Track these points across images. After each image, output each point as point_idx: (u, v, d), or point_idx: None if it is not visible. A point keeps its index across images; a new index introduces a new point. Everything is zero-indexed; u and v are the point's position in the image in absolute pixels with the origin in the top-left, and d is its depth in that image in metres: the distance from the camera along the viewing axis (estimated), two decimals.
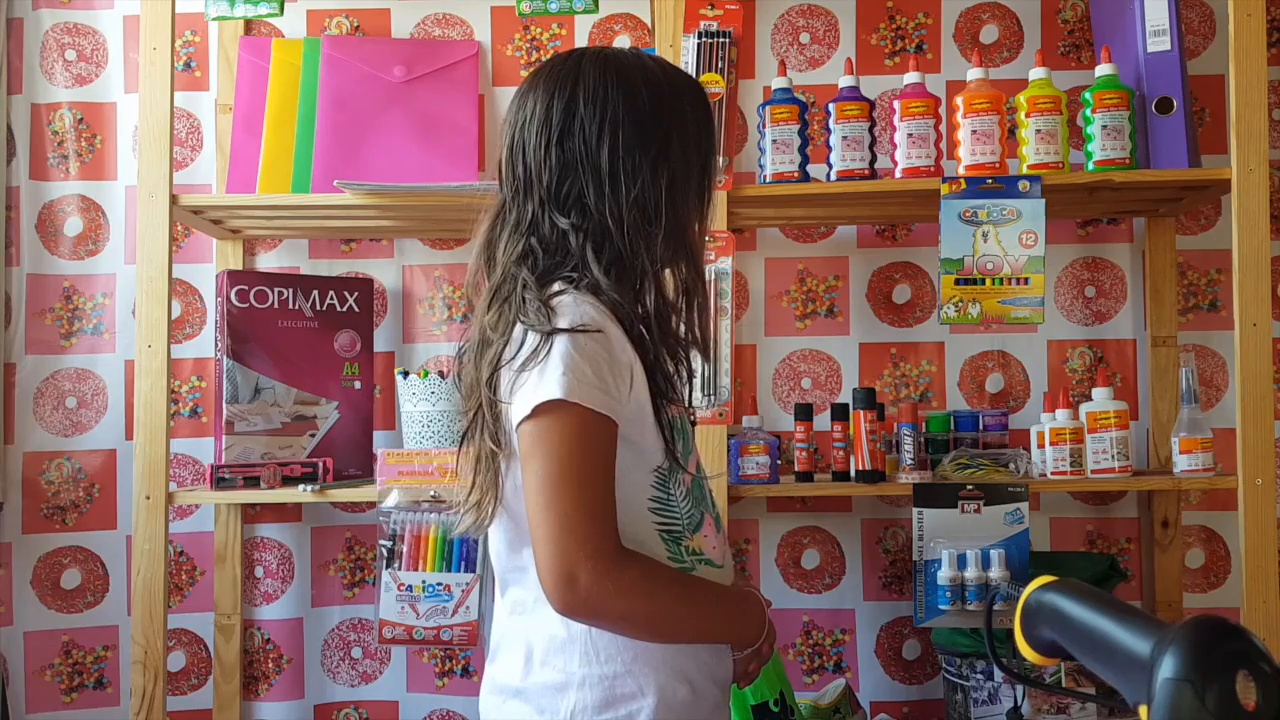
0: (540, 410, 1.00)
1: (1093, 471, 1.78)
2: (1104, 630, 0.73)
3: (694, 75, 1.80)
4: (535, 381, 1.00)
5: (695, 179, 1.12)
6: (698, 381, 1.17)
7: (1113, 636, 0.72)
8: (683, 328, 1.12)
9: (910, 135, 1.78)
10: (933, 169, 1.78)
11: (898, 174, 1.80)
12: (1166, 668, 0.65)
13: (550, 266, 1.07)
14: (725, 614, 1.10)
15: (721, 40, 1.82)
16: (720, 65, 1.83)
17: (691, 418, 1.17)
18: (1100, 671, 0.75)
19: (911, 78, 1.82)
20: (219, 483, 1.80)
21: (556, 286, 1.06)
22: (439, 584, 1.72)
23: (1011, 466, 1.81)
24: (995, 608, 0.94)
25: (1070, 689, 1.74)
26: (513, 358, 1.03)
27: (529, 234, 1.08)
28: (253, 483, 1.81)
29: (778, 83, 1.85)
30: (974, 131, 1.77)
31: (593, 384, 0.99)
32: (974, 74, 1.80)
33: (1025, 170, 1.77)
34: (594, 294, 1.05)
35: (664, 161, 1.08)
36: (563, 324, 1.01)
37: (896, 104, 1.80)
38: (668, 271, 1.10)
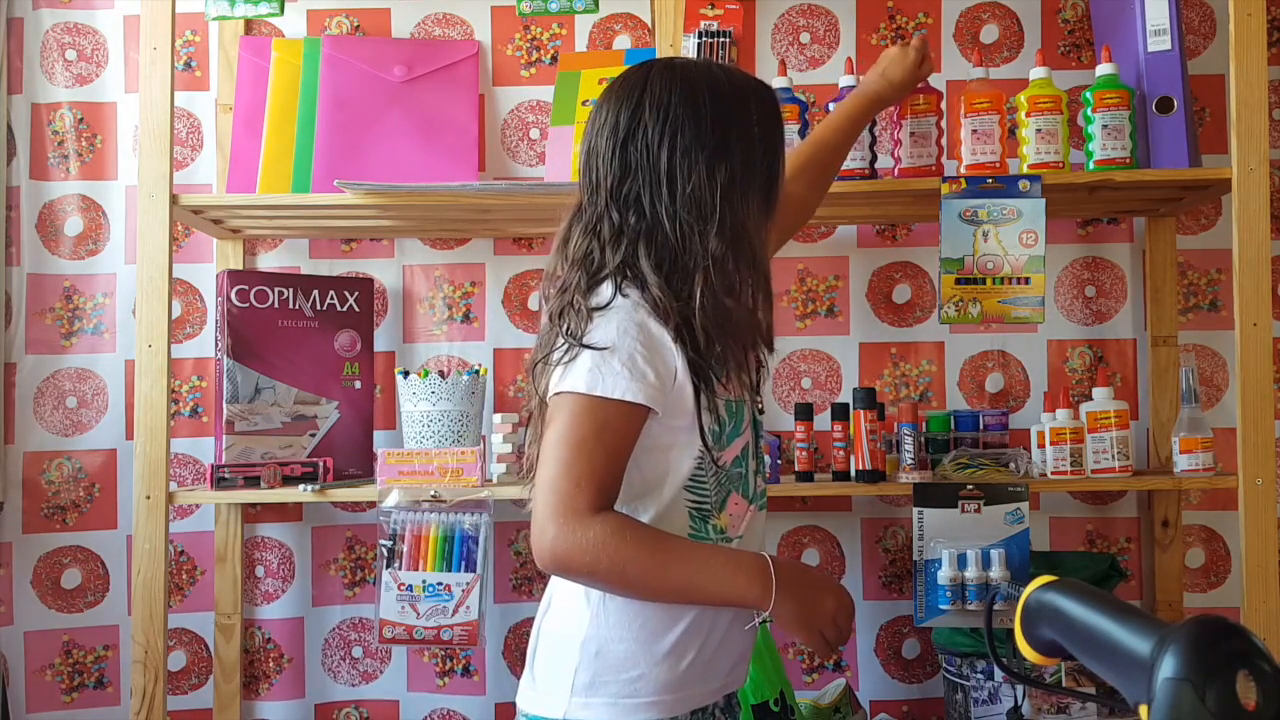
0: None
1: (1093, 471, 1.78)
2: (1104, 630, 0.73)
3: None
4: (563, 369, 1.09)
5: (760, 179, 1.17)
6: (765, 365, 1.21)
7: (1113, 636, 0.72)
8: (749, 321, 1.15)
9: (911, 134, 1.78)
10: (933, 168, 1.78)
11: (897, 173, 1.80)
12: (1167, 667, 0.65)
13: (601, 264, 1.13)
14: (713, 571, 1.09)
15: (721, 40, 1.82)
16: None
17: (744, 397, 1.17)
18: (1100, 671, 0.75)
19: None
20: (219, 483, 1.80)
21: (605, 289, 1.12)
22: (439, 584, 1.73)
23: (1012, 466, 1.81)
24: (995, 607, 0.94)
25: (1070, 689, 1.74)
26: (554, 354, 1.12)
27: (593, 233, 1.15)
28: (253, 482, 1.81)
29: (778, 82, 1.84)
30: (974, 131, 1.77)
31: (622, 373, 1.06)
32: (974, 74, 1.80)
33: (1025, 170, 1.76)
34: (641, 288, 1.11)
35: (721, 159, 1.13)
36: (593, 340, 1.08)
37: None
38: (730, 265, 1.12)
